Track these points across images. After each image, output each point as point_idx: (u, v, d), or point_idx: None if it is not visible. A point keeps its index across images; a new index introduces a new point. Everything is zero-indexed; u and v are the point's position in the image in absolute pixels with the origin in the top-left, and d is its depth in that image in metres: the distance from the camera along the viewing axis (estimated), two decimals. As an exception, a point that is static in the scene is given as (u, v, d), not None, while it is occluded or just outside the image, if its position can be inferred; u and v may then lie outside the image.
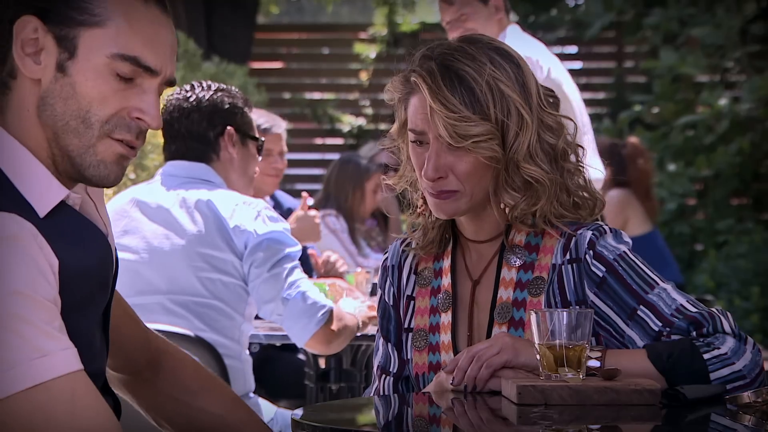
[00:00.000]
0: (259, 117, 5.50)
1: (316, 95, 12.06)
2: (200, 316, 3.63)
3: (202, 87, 3.82)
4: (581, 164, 2.51)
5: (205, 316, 3.64)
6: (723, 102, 9.62)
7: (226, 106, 3.80)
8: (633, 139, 7.56)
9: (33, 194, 1.98)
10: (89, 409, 1.96)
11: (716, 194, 9.87)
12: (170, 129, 3.80)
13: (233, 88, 3.91)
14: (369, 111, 11.74)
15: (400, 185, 2.61)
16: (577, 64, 12.09)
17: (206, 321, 3.63)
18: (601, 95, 11.62)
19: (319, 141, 11.86)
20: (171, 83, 2.08)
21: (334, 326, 3.70)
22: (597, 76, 11.84)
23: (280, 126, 5.48)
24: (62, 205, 2.02)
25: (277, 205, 5.87)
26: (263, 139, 3.94)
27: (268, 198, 5.52)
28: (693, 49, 10.01)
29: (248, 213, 3.67)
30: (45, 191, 2.00)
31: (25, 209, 1.96)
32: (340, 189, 6.88)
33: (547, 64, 5.00)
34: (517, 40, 4.94)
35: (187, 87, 3.84)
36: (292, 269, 3.68)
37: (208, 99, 3.78)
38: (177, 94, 3.81)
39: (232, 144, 3.80)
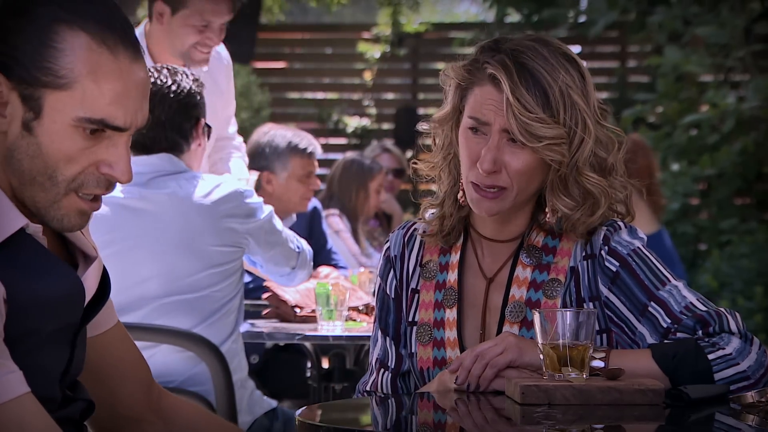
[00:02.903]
0: (298, 138, 5.58)
1: (320, 95, 12.06)
2: (198, 310, 3.64)
3: (177, 73, 3.77)
4: (625, 180, 2.51)
5: (204, 311, 3.65)
6: (728, 100, 9.60)
7: (198, 97, 3.78)
8: (634, 136, 7.53)
9: None
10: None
11: (720, 194, 9.85)
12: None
13: (192, 72, 3.86)
14: (373, 111, 11.74)
15: (428, 172, 2.60)
16: (581, 64, 12.07)
17: (205, 313, 3.65)
18: (604, 95, 11.60)
19: (322, 141, 11.85)
20: (142, 129, 2.05)
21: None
22: (600, 75, 11.82)
23: (318, 148, 5.60)
24: (21, 235, 1.99)
25: (316, 218, 6.00)
26: (211, 126, 3.92)
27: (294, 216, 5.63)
28: (697, 48, 9.99)
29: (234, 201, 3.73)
30: (1, 221, 1.97)
31: None
32: (344, 189, 6.88)
33: None
34: None
35: (163, 70, 3.77)
36: (278, 233, 3.86)
37: (188, 91, 3.74)
38: (149, 76, 3.74)
39: (201, 135, 3.80)
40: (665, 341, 2.38)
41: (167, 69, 3.78)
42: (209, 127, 3.86)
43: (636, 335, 2.42)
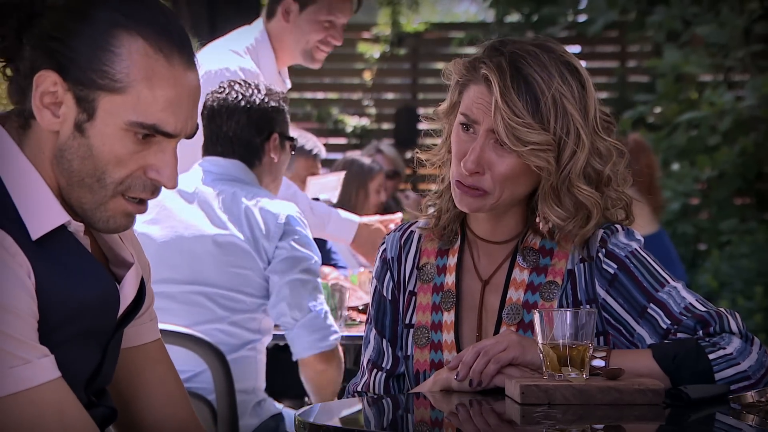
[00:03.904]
0: (304, 139, 5.61)
1: (320, 95, 12.05)
2: (221, 306, 3.65)
3: (250, 87, 3.80)
4: (623, 193, 2.51)
5: (226, 308, 3.66)
6: (726, 98, 9.60)
7: (273, 112, 3.81)
8: (635, 136, 7.53)
9: (30, 215, 1.98)
10: (78, 420, 1.98)
11: (719, 194, 9.86)
12: (216, 128, 3.78)
13: (274, 87, 3.90)
14: (372, 111, 11.74)
15: (431, 162, 2.60)
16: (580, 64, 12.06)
17: (228, 309, 3.66)
18: (604, 95, 11.60)
19: (322, 140, 11.82)
20: (191, 136, 2.07)
21: (336, 354, 3.76)
22: (600, 75, 11.81)
23: (322, 150, 5.61)
24: (62, 231, 2.02)
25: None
26: (297, 138, 3.96)
27: None
28: (696, 48, 10.00)
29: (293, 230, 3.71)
30: (44, 215, 2.00)
31: (17, 228, 1.96)
32: (343, 189, 6.88)
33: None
34: None
35: (235, 85, 3.80)
36: (318, 284, 3.76)
37: (258, 105, 3.77)
38: (222, 91, 3.79)
39: (274, 149, 3.83)
40: (665, 341, 2.38)
41: (239, 84, 3.81)
42: (291, 140, 3.87)
43: (635, 337, 2.42)
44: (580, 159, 2.42)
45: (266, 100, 3.79)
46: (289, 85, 4.76)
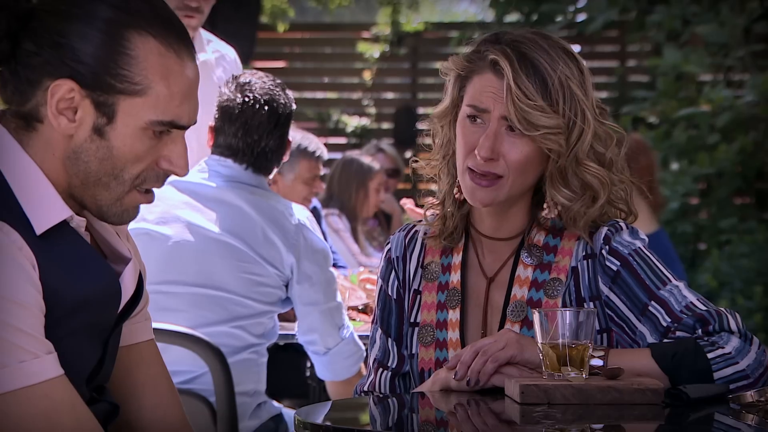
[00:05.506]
0: (307, 141, 5.61)
1: (320, 95, 12.05)
2: (229, 310, 3.65)
3: (283, 90, 3.74)
4: (624, 177, 2.52)
5: (234, 312, 3.65)
6: (725, 94, 9.60)
7: (291, 121, 3.79)
8: (635, 135, 7.53)
9: (34, 211, 1.99)
10: (88, 415, 1.99)
11: (719, 193, 9.85)
12: (253, 142, 3.71)
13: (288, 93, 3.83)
14: (372, 111, 11.74)
15: (426, 170, 2.60)
16: (580, 63, 12.04)
17: (235, 312, 3.65)
18: (603, 94, 11.60)
19: (322, 140, 11.80)
20: (194, 124, 2.10)
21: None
22: (600, 75, 11.80)
23: (325, 151, 5.63)
24: (64, 227, 2.03)
25: (315, 217, 6.04)
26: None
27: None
28: (696, 48, 10.00)
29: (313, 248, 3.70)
30: (47, 210, 2.01)
31: (21, 224, 1.97)
32: (343, 188, 6.89)
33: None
34: None
35: (273, 90, 3.73)
36: (341, 303, 3.78)
37: (288, 113, 3.72)
38: (254, 96, 3.69)
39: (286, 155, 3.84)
40: (665, 340, 2.38)
41: (277, 93, 3.73)
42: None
43: (636, 335, 2.42)
44: (586, 139, 2.44)
45: (292, 109, 3.75)
46: (200, 58, 4.67)
